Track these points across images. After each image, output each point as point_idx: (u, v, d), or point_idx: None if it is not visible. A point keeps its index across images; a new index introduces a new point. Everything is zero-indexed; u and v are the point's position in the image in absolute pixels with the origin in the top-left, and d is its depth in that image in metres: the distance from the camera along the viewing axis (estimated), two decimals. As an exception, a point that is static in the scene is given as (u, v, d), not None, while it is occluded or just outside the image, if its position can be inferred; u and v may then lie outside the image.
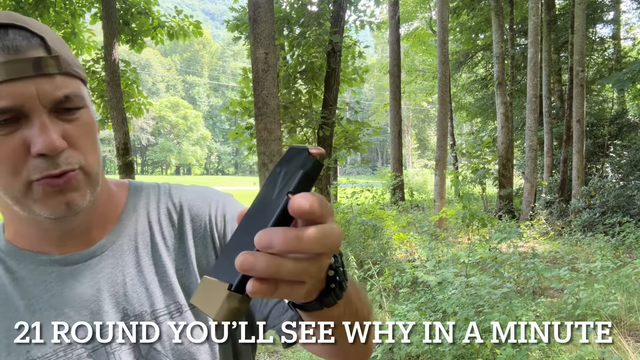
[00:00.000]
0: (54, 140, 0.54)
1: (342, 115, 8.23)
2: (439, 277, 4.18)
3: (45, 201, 0.58)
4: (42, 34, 0.56)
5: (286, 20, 8.19)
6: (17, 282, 0.64)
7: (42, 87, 0.54)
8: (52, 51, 0.56)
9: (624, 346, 3.45)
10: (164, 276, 0.67)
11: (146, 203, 0.72)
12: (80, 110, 0.59)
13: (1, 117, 0.54)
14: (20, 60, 0.53)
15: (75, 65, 0.59)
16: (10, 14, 0.57)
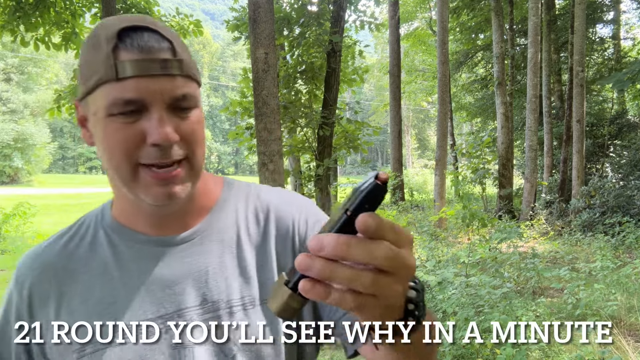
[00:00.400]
0: (168, 132, 0.61)
1: (342, 115, 8.23)
2: (439, 277, 4.19)
3: (150, 189, 0.64)
4: (171, 38, 0.63)
5: (286, 20, 8.19)
6: (117, 256, 0.71)
7: (165, 85, 0.61)
8: (177, 54, 0.63)
9: (624, 346, 3.45)
10: (244, 269, 0.72)
11: (236, 200, 0.78)
12: (193, 109, 0.65)
13: (127, 107, 0.61)
14: (150, 59, 0.60)
15: (194, 69, 0.66)
16: (146, 17, 0.64)
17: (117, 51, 0.60)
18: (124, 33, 0.61)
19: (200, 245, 0.72)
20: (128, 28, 0.61)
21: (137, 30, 0.61)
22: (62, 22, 8.00)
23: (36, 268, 0.73)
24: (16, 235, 8.91)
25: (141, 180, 0.64)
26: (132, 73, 0.59)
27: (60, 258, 0.73)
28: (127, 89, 0.60)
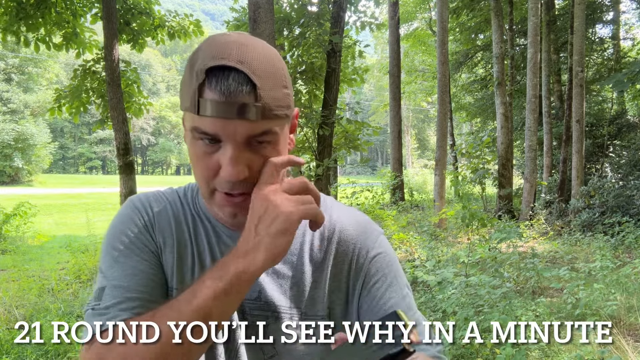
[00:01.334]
0: (238, 171, 0.66)
1: (341, 115, 8.23)
2: (438, 277, 4.19)
3: (222, 209, 0.71)
4: (257, 80, 0.64)
5: (286, 20, 8.19)
6: (206, 232, 0.79)
7: (240, 127, 0.65)
8: (259, 98, 0.64)
9: (623, 346, 3.45)
10: (298, 281, 0.78)
11: None
12: (270, 144, 0.69)
13: (206, 137, 0.66)
14: (230, 103, 0.63)
15: (277, 107, 0.67)
16: (233, 51, 0.65)
17: (202, 88, 0.64)
18: (212, 72, 0.64)
19: None
20: (217, 67, 0.64)
21: (225, 71, 0.64)
22: (62, 22, 8.01)
23: (161, 211, 0.80)
24: (16, 235, 8.91)
25: (216, 200, 0.71)
26: (210, 113, 0.64)
27: (167, 214, 0.80)
28: (205, 124, 0.65)
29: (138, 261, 0.74)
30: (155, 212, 0.80)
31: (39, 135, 31.18)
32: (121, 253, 0.75)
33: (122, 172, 7.02)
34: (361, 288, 0.79)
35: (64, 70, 47.75)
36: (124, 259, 0.74)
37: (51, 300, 4.65)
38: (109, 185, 30.08)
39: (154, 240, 0.77)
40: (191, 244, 0.79)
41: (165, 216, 0.80)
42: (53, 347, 3.46)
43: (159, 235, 0.78)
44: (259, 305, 0.75)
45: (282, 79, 0.69)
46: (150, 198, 0.82)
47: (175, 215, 0.81)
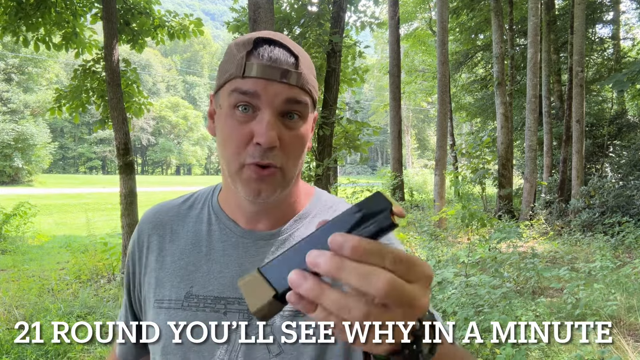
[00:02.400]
0: (272, 136, 0.68)
1: (341, 115, 8.23)
2: (438, 277, 4.19)
3: (247, 184, 0.72)
4: (298, 55, 0.71)
5: (286, 20, 8.19)
6: (210, 234, 0.83)
7: (281, 90, 0.69)
8: (299, 68, 0.71)
9: (623, 346, 3.46)
10: None
11: (317, 213, 0.85)
12: (300, 120, 0.72)
13: (244, 98, 0.69)
14: (274, 67, 0.69)
15: (311, 85, 0.74)
16: (281, 35, 0.73)
17: (249, 56, 0.70)
18: (258, 42, 0.71)
19: (275, 247, 0.80)
20: (263, 39, 0.71)
21: (271, 43, 0.71)
22: (62, 22, 8.00)
23: (152, 221, 0.87)
24: (16, 235, 8.91)
25: (244, 175, 0.72)
26: (255, 74, 0.69)
27: (172, 219, 0.86)
28: (248, 83, 0.69)
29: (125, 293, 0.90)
30: (157, 222, 0.87)
31: (39, 135, 31.17)
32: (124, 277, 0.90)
33: (122, 172, 7.02)
34: None
35: (64, 70, 47.75)
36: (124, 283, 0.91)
37: (51, 300, 4.65)
38: (109, 185, 30.07)
39: (137, 259, 0.86)
40: (194, 247, 0.83)
41: (165, 224, 0.86)
42: (53, 347, 3.46)
43: (147, 250, 0.85)
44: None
45: (313, 69, 0.76)
46: (158, 208, 0.90)
47: (180, 220, 0.86)
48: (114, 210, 15.01)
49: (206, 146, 67.31)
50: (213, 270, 0.79)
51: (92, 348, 3.63)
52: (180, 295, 0.79)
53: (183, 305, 0.78)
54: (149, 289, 0.82)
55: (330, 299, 0.39)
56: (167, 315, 0.79)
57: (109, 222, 12.09)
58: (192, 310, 0.77)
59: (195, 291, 0.78)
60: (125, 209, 6.90)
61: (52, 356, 3.42)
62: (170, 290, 0.80)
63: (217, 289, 0.78)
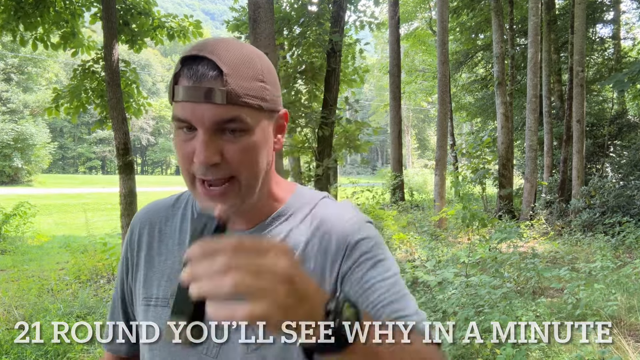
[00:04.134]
0: (207, 156, 0.69)
1: (341, 115, 8.22)
2: (439, 277, 4.19)
3: (201, 200, 0.74)
4: (224, 67, 0.68)
5: (286, 20, 8.18)
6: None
7: (208, 111, 0.68)
8: (225, 84, 0.68)
9: (623, 346, 3.45)
10: None
11: (297, 210, 0.84)
12: (242, 132, 0.71)
13: (181, 124, 0.71)
14: (197, 87, 0.68)
15: (252, 96, 0.71)
16: (208, 44, 0.70)
17: (178, 77, 0.70)
18: (185, 61, 0.70)
19: None
20: (190, 57, 0.69)
21: (196, 59, 0.69)
22: (61, 21, 7.99)
23: (144, 221, 0.89)
24: (16, 235, 8.90)
25: (197, 190, 0.74)
26: (182, 98, 0.69)
27: (161, 219, 0.88)
28: (179, 110, 0.70)
29: (117, 287, 0.92)
30: (147, 221, 0.89)
31: (39, 135, 31.15)
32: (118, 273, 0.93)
33: (121, 172, 7.01)
34: (344, 276, 0.78)
35: (63, 70, 47.73)
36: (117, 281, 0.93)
37: (51, 301, 4.64)
38: (109, 185, 30.06)
39: (129, 259, 0.89)
40: (180, 246, 0.85)
41: (155, 223, 0.88)
42: (53, 347, 3.46)
43: (138, 249, 0.88)
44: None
45: (258, 73, 0.72)
46: (149, 207, 0.92)
47: (168, 219, 0.88)
48: (114, 210, 15.00)
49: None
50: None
51: (92, 348, 3.63)
52: (167, 293, 0.81)
53: (169, 303, 0.80)
54: (139, 286, 0.85)
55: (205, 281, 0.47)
56: (155, 313, 0.82)
57: (108, 222, 12.08)
58: None
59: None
60: (125, 209, 6.89)
61: (52, 356, 3.42)
62: (157, 288, 0.83)
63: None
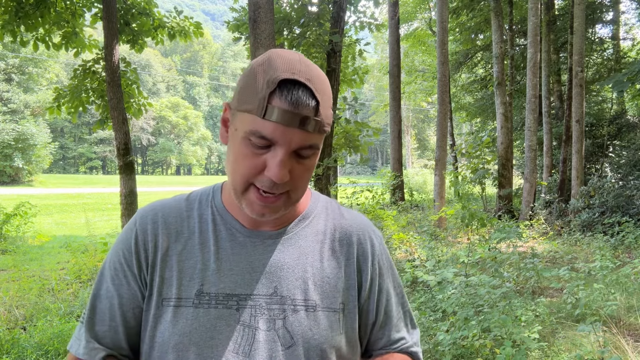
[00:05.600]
0: (284, 174, 0.73)
1: (340, 116, 8.23)
2: (438, 277, 4.19)
3: (252, 204, 0.77)
4: (320, 97, 0.73)
5: (286, 20, 8.19)
6: (216, 233, 0.85)
7: (297, 137, 0.72)
8: (318, 114, 0.73)
9: (623, 346, 3.46)
10: (314, 277, 0.85)
11: (320, 213, 0.91)
12: (312, 155, 0.77)
13: (261, 141, 0.72)
14: (295, 113, 0.71)
15: (328, 123, 0.76)
16: (301, 68, 0.73)
17: (272, 96, 0.71)
18: (283, 83, 0.71)
19: (282, 245, 0.85)
20: (288, 81, 0.71)
21: (295, 85, 0.71)
22: (62, 21, 8.00)
23: (157, 221, 0.86)
24: (16, 235, 8.91)
25: (248, 196, 0.77)
26: (276, 119, 0.71)
27: (175, 219, 0.87)
28: (267, 128, 0.71)
29: (117, 288, 0.84)
30: (159, 222, 0.86)
31: (39, 135, 31.16)
32: (110, 276, 0.85)
33: (122, 172, 7.02)
34: (367, 286, 0.89)
35: (64, 70, 47.73)
36: (108, 284, 0.85)
37: (51, 300, 4.65)
38: (109, 185, 30.07)
39: (142, 259, 0.84)
40: (201, 246, 0.85)
41: (169, 224, 0.86)
42: (53, 347, 3.47)
43: (154, 249, 0.84)
44: (275, 300, 0.81)
45: (331, 99, 0.77)
46: (157, 208, 0.89)
47: (183, 219, 0.87)
48: (114, 210, 15.01)
49: (206, 146, 67.30)
50: (223, 268, 0.82)
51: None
52: (191, 293, 0.81)
53: (194, 302, 0.80)
54: (155, 287, 0.83)
55: None
56: (177, 314, 0.80)
57: (109, 222, 12.10)
58: (204, 307, 0.80)
59: (206, 289, 0.81)
60: (125, 209, 6.90)
61: (52, 356, 3.43)
62: (178, 288, 0.82)
63: (229, 286, 0.81)
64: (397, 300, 0.94)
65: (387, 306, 0.92)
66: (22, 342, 3.53)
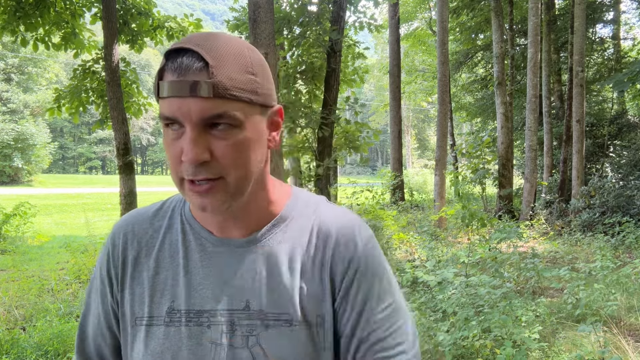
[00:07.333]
0: (196, 153, 0.65)
1: (340, 116, 8.22)
2: (438, 277, 4.18)
3: (190, 199, 0.70)
4: (210, 58, 0.64)
5: (286, 20, 8.18)
6: (185, 244, 0.79)
7: (194, 106, 0.64)
8: (211, 76, 0.64)
9: (623, 346, 3.45)
10: (288, 289, 0.75)
11: (298, 216, 0.80)
12: (232, 128, 0.67)
13: (168, 122, 0.67)
14: (181, 81, 0.64)
15: (234, 89, 0.66)
16: (195, 37, 0.67)
17: (162, 72, 0.66)
18: (170, 55, 0.66)
19: (254, 254, 0.77)
20: (174, 50, 0.66)
21: (181, 52, 0.65)
22: (61, 22, 7.99)
23: (127, 234, 0.82)
24: (16, 235, 8.90)
25: (185, 190, 0.70)
26: (167, 94, 0.65)
27: (146, 231, 0.82)
28: (165, 107, 0.67)
29: (98, 306, 0.83)
30: (129, 235, 0.82)
31: (39, 135, 31.15)
32: (94, 294, 0.84)
33: (121, 172, 7.02)
34: (343, 298, 0.76)
35: (63, 70, 47.73)
36: (92, 302, 0.84)
37: (51, 301, 4.64)
38: (109, 185, 30.07)
39: (113, 277, 0.81)
40: (171, 259, 0.79)
41: (140, 237, 0.81)
42: (52, 347, 3.46)
43: (123, 265, 0.80)
44: (247, 315, 0.74)
45: (247, 65, 0.68)
46: (129, 219, 0.84)
47: (155, 231, 0.82)
48: (114, 211, 15.00)
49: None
50: (193, 282, 0.76)
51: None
52: (162, 311, 0.76)
53: (165, 321, 0.75)
54: (126, 306, 0.78)
55: None
56: (150, 333, 0.76)
57: (109, 222, 12.09)
58: (175, 325, 0.75)
59: (176, 306, 0.75)
60: (125, 209, 6.90)
61: (52, 356, 3.42)
62: (150, 306, 0.76)
63: (199, 302, 0.75)
64: (383, 310, 0.77)
65: (368, 319, 0.76)
66: (22, 342, 3.52)
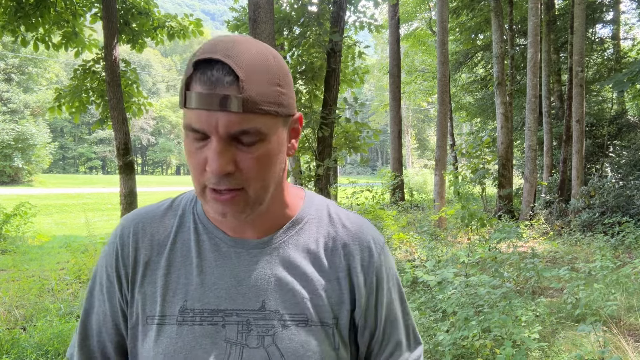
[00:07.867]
0: (221, 164, 0.66)
1: (340, 115, 8.22)
2: (438, 277, 4.19)
3: (211, 206, 0.71)
4: (241, 72, 0.64)
5: (286, 20, 8.18)
6: (199, 244, 0.79)
7: (223, 120, 0.65)
8: (242, 91, 0.64)
9: (623, 346, 3.45)
10: (304, 291, 0.78)
11: (313, 219, 0.83)
12: (257, 142, 0.68)
13: (195, 135, 0.67)
14: (211, 95, 0.64)
15: (264, 103, 0.66)
16: (222, 45, 0.66)
17: (190, 82, 0.66)
18: (198, 65, 0.65)
19: (269, 255, 0.78)
20: (203, 61, 0.65)
21: (210, 64, 0.65)
22: (62, 21, 8.00)
23: (138, 232, 0.81)
24: (16, 235, 8.91)
25: (207, 197, 0.71)
26: (195, 105, 0.65)
27: (157, 230, 0.82)
28: (191, 118, 0.66)
29: (102, 304, 0.82)
30: (140, 233, 0.81)
31: (39, 135, 31.15)
32: (97, 292, 0.83)
33: (122, 172, 7.02)
34: (363, 301, 0.81)
35: (64, 70, 47.72)
36: (96, 300, 0.83)
37: (51, 301, 4.65)
38: (109, 185, 30.07)
39: (122, 276, 0.80)
40: (183, 258, 0.79)
41: (151, 235, 0.81)
42: (53, 347, 3.46)
43: (134, 264, 0.80)
44: (263, 315, 0.76)
45: (275, 77, 0.68)
46: (138, 217, 0.83)
47: (165, 229, 0.82)
48: (114, 211, 15.01)
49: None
50: (207, 282, 0.77)
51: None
52: (174, 310, 0.76)
53: (178, 320, 0.75)
54: (137, 305, 0.78)
55: None
56: (161, 332, 0.76)
57: (109, 222, 12.10)
58: (189, 324, 0.75)
59: (189, 305, 0.76)
60: (125, 209, 6.90)
61: (52, 356, 3.42)
62: (162, 305, 0.77)
63: (214, 301, 0.76)
64: (399, 315, 0.87)
65: (387, 322, 0.84)
66: (22, 342, 3.52)
